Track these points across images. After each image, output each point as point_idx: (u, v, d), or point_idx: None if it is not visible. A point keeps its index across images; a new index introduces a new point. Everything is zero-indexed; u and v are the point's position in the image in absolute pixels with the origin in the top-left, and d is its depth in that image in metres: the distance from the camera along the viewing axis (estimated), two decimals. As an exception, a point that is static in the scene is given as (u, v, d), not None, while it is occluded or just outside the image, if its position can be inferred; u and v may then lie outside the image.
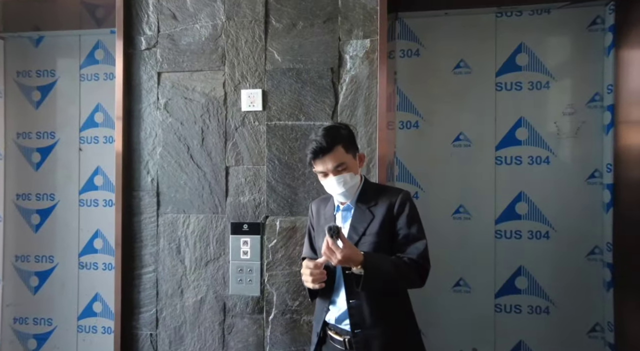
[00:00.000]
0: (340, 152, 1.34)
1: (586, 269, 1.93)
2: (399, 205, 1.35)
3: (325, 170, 1.35)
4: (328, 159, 1.33)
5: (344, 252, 1.22)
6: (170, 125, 1.84)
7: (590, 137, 1.94)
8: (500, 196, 2.01)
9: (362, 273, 1.23)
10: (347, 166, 1.35)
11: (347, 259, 1.22)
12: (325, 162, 1.33)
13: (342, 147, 1.35)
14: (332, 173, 1.34)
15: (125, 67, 1.86)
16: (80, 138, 2.33)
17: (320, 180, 1.40)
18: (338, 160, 1.33)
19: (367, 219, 1.36)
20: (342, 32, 1.74)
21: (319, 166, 1.35)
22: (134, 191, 1.86)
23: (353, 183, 1.36)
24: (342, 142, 1.35)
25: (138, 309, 1.85)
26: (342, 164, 1.34)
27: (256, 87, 1.78)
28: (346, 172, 1.35)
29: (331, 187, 1.36)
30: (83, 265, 2.31)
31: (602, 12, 1.92)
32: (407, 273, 1.28)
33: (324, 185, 1.40)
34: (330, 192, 1.40)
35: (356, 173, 1.39)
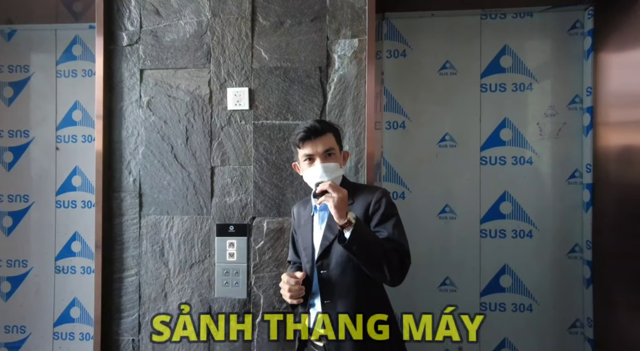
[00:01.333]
0: (330, 139, 1.35)
1: (567, 267, 1.98)
2: (374, 202, 1.31)
3: (314, 152, 1.32)
4: (319, 142, 1.31)
5: (345, 191, 1.20)
6: (153, 123, 1.79)
7: (570, 137, 1.98)
8: (485, 196, 2.03)
9: (354, 221, 1.18)
10: (335, 154, 1.34)
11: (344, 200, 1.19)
12: (316, 144, 1.31)
13: (332, 135, 1.36)
14: (319, 158, 1.31)
15: (106, 63, 1.79)
16: (57, 137, 2.23)
17: (303, 169, 1.36)
18: (328, 144, 1.33)
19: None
20: (330, 31, 1.73)
21: (308, 148, 1.32)
22: (115, 192, 1.80)
23: (337, 174, 1.34)
24: (333, 131, 1.37)
25: (119, 314, 1.79)
26: (331, 149, 1.33)
27: (242, 86, 1.75)
28: (333, 160, 1.33)
29: (315, 174, 1.31)
30: (60, 269, 2.22)
31: (582, 17, 1.97)
32: (390, 251, 1.22)
33: (306, 176, 1.36)
34: (311, 181, 1.34)
35: (341, 167, 1.37)
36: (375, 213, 1.30)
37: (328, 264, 1.31)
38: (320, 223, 1.38)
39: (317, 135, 1.32)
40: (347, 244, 1.18)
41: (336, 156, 1.35)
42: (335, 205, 1.17)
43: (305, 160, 1.34)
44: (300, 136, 1.32)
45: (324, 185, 1.21)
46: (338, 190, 1.19)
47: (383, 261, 1.19)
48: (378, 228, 1.29)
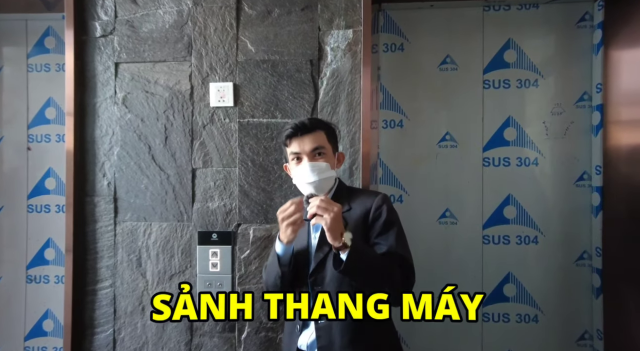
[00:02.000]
0: (321, 137, 1.24)
1: (575, 275, 1.86)
2: (374, 209, 1.21)
3: (301, 150, 1.21)
4: (307, 139, 1.21)
5: (340, 207, 1.08)
6: (129, 122, 1.64)
7: (578, 137, 1.86)
8: (488, 199, 1.91)
9: (349, 243, 1.06)
10: (325, 154, 1.23)
11: (339, 219, 1.07)
12: (304, 141, 1.21)
13: (324, 133, 1.25)
14: (307, 157, 1.21)
15: (77, 56, 1.64)
16: (29, 136, 2.07)
17: (291, 169, 1.27)
18: (317, 142, 1.22)
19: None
20: (322, 21, 1.59)
21: (295, 146, 1.22)
22: (87, 196, 1.65)
23: (327, 175, 1.22)
24: (325, 129, 1.26)
25: (92, 329, 1.64)
26: (321, 148, 1.22)
27: (227, 80, 1.61)
28: (323, 160, 1.22)
29: (303, 174, 1.20)
30: (32, 278, 2.06)
31: (591, 9, 1.85)
32: (392, 270, 1.12)
33: (294, 176, 1.26)
34: (299, 183, 1.23)
35: (332, 168, 1.25)
36: (376, 221, 1.20)
37: (323, 278, 1.19)
38: (315, 231, 1.25)
39: (305, 131, 1.22)
40: (343, 270, 1.07)
41: (327, 156, 1.23)
42: (328, 228, 1.06)
43: (293, 158, 1.24)
44: (287, 133, 1.23)
45: (313, 204, 1.09)
46: (328, 209, 1.07)
47: (385, 283, 1.09)
48: (378, 240, 1.18)
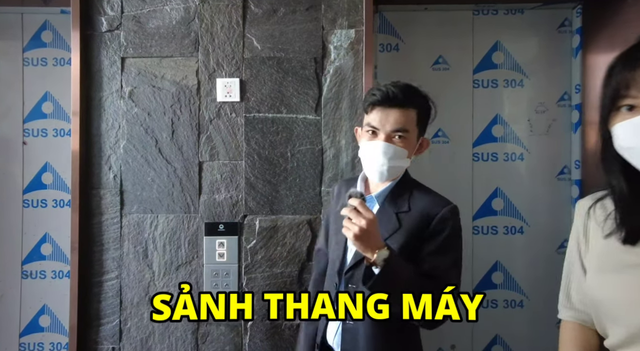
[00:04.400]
0: (410, 116, 1.04)
1: (556, 262, 1.98)
2: (438, 221, 1.03)
3: (380, 126, 1.03)
4: (392, 115, 1.02)
5: (372, 219, 0.89)
6: (135, 116, 1.67)
7: (560, 134, 2.00)
8: (478, 192, 2.02)
9: (383, 263, 0.91)
10: (407, 138, 1.04)
11: (370, 232, 0.90)
12: (388, 115, 1.02)
13: (416, 113, 1.06)
14: (384, 135, 1.03)
15: (83, 50, 1.65)
16: (25, 131, 2.06)
17: (361, 140, 1.10)
18: (404, 123, 1.03)
19: (390, 228, 1.04)
20: (326, 20, 1.66)
21: (374, 117, 1.04)
22: (93, 189, 1.66)
23: (400, 164, 1.06)
24: (419, 106, 1.07)
25: (98, 321, 1.65)
26: (404, 131, 1.03)
27: (233, 76, 1.66)
28: (402, 145, 1.04)
29: (372, 153, 1.04)
30: (27, 273, 2.04)
31: (570, 15, 1.99)
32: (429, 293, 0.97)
33: (362, 149, 1.08)
34: (365, 160, 1.07)
35: (410, 155, 1.08)
36: (435, 237, 1.03)
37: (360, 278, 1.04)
38: None
39: (395, 104, 1.02)
40: (370, 287, 0.92)
41: (408, 141, 1.05)
42: (356, 237, 0.90)
43: (368, 130, 1.06)
44: (372, 99, 1.04)
45: (349, 205, 0.92)
46: (359, 217, 0.90)
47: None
48: (430, 258, 1.01)
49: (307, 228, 1.63)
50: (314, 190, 1.65)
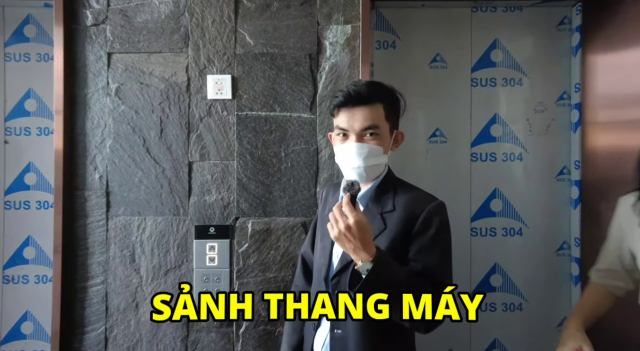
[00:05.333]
0: (378, 112, 1.01)
1: (555, 264, 1.96)
2: (423, 219, 0.99)
3: (349, 127, 1.00)
4: (359, 113, 0.99)
5: (360, 217, 0.87)
6: (122, 114, 1.60)
7: (559, 134, 1.96)
8: (476, 193, 1.98)
9: (370, 267, 0.88)
10: (379, 134, 1.01)
11: (357, 234, 0.86)
12: (354, 115, 0.99)
13: (383, 106, 1.02)
14: (355, 136, 1.00)
15: (67, 45, 1.58)
16: (6, 129, 1.97)
17: (335, 143, 1.07)
18: (372, 120, 0.99)
19: (375, 228, 0.99)
20: (321, 16, 1.61)
21: (342, 119, 1.01)
22: (77, 190, 1.59)
23: (376, 162, 1.02)
24: (385, 100, 1.03)
25: (82, 328, 1.58)
26: (374, 127, 1.00)
27: (224, 73, 1.59)
28: (375, 142, 1.01)
29: (347, 156, 1.01)
30: (9, 278, 1.96)
31: (570, 13, 1.96)
32: (419, 299, 0.93)
33: (336, 154, 1.06)
34: (342, 164, 1.05)
35: (385, 151, 1.04)
36: (421, 235, 0.99)
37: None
38: None
39: (359, 102, 0.99)
40: (356, 292, 0.89)
41: (381, 137, 1.01)
42: (335, 238, 0.90)
43: (339, 133, 1.04)
44: (336, 101, 1.02)
45: (336, 207, 0.90)
46: (337, 223, 0.88)
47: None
48: (417, 256, 0.98)
49: (302, 231, 1.57)
50: (308, 192, 1.59)
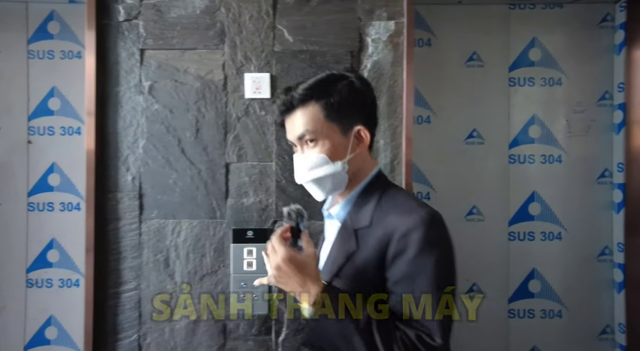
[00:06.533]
0: (312, 112, 0.84)
1: (597, 270, 1.90)
2: (400, 236, 0.78)
3: (291, 138, 0.89)
4: (293, 120, 0.86)
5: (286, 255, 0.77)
6: (156, 113, 1.53)
7: (600, 135, 1.91)
8: (514, 196, 1.92)
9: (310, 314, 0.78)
10: (319, 140, 0.86)
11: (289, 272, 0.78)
12: (293, 123, 0.87)
13: (320, 104, 0.85)
14: (298, 146, 0.90)
15: (99, 41, 1.52)
16: (29, 129, 1.91)
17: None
18: (304, 124, 0.85)
19: (347, 249, 0.85)
20: (362, 11, 1.54)
21: (287, 129, 0.91)
22: (109, 192, 1.53)
23: (325, 172, 0.86)
24: (321, 96, 0.85)
25: (114, 336, 1.52)
26: (310, 133, 0.85)
27: (262, 71, 1.53)
28: (317, 150, 0.86)
29: (295, 170, 0.92)
30: (32, 282, 1.90)
31: (612, 10, 1.89)
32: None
33: None
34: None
35: (339, 158, 0.86)
36: (397, 258, 0.78)
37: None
38: (321, 246, 1.00)
39: (292, 108, 0.86)
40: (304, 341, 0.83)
41: (323, 142, 0.85)
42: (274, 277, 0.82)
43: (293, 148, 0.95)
44: (274, 117, 0.96)
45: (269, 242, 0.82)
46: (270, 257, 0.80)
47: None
48: (396, 288, 0.79)
49: (342, 235, 1.51)
50: (349, 194, 1.53)
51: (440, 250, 0.79)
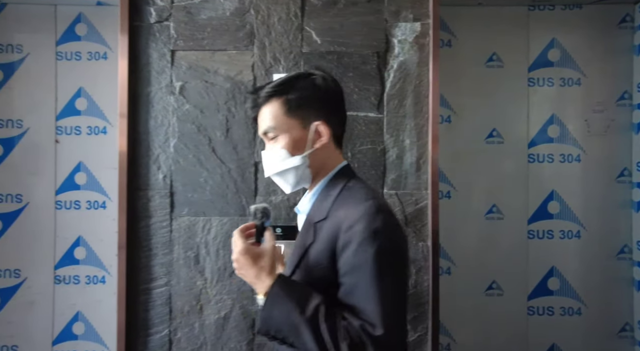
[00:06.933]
0: (273, 110, 0.89)
1: (616, 268, 1.92)
2: (346, 229, 0.80)
3: (259, 133, 0.96)
4: (259, 117, 0.93)
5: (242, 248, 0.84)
6: (187, 112, 1.57)
7: (619, 135, 1.93)
8: (533, 195, 1.94)
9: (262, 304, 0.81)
10: (278, 135, 0.90)
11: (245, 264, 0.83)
12: (259, 120, 0.93)
13: (280, 102, 0.89)
14: (265, 141, 0.94)
15: (131, 42, 1.55)
16: (57, 128, 1.95)
17: None
18: (266, 121, 0.90)
19: (305, 241, 0.88)
20: (389, 13, 1.58)
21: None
22: (140, 190, 1.56)
23: (286, 166, 0.90)
24: (280, 94, 0.89)
25: (146, 330, 1.55)
26: (271, 129, 0.90)
27: (291, 72, 1.56)
28: (278, 146, 0.90)
29: (263, 164, 0.97)
30: (60, 279, 1.93)
31: (632, 10, 1.92)
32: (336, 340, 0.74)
33: None
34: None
35: (298, 152, 0.89)
36: (344, 250, 0.80)
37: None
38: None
39: (258, 107, 0.92)
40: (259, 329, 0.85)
41: (282, 137, 0.90)
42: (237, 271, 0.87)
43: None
44: (249, 111, 1.05)
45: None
46: (234, 250, 0.85)
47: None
48: (343, 280, 0.81)
49: (369, 233, 1.54)
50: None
51: (382, 241, 0.78)
